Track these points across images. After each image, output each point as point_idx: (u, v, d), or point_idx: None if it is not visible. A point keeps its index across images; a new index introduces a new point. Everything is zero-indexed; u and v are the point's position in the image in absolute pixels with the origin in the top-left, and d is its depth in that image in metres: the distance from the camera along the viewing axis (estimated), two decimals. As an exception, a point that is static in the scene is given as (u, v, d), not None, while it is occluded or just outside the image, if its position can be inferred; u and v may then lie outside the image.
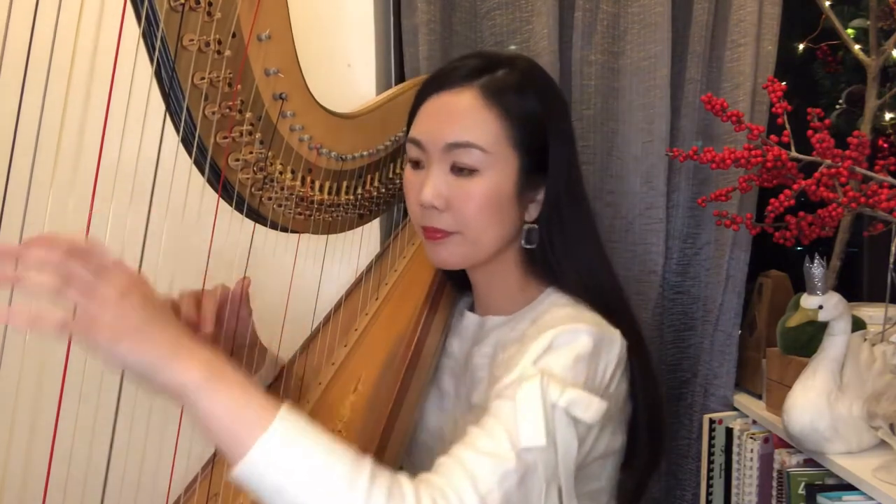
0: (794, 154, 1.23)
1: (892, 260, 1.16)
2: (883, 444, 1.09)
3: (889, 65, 1.48)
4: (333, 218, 1.12)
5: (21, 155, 0.71)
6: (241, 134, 0.92)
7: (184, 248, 0.91)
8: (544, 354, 0.87)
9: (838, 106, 1.66)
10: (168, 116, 0.85)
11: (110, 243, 0.78)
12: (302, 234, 1.09)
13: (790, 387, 1.15)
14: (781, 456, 1.23)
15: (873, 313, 1.31)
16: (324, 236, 1.13)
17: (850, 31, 1.54)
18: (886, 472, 1.02)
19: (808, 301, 1.10)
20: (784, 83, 1.27)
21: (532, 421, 0.81)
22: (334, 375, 1.08)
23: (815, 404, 1.11)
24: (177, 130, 0.87)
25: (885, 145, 1.48)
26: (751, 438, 1.32)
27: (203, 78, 0.85)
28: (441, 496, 0.75)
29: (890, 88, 1.47)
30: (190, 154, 0.89)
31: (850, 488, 1.07)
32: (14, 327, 0.65)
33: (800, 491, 1.15)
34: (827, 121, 1.23)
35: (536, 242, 0.99)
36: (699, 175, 1.53)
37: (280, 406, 0.72)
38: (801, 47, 1.68)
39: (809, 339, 1.22)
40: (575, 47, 1.50)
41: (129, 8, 0.78)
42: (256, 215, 1.00)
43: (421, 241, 1.22)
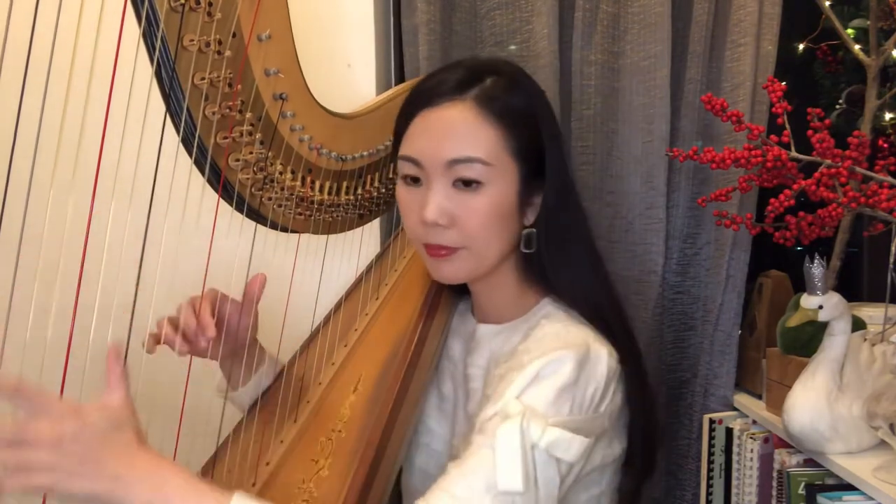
0: (794, 154, 1.23)
1: (892, 260, 1.16)
2: (883, 444, 1.09)
3: (889, 65, 1.48)
4: (333, 218, 1.12)
5: (21, 155, 0.71)
6: (242, 134, 0.92)
7: (184, 249, 0.91)
8: (529, 387, 0.87)
9: (838, 106, 1.66)
10: (168, 117, 0.85)
11: (110, 243, 0.78)
12: (302, 235, 1.09)
13: (790, 387, 1.15)
14: (781, 456, 1.23)
15: (873, 313, 1.31)
16: (324, 236, 1.13)
17: (850, 31, 1.53)
18: (886, 472, 1.02)
19: (808, 301, 1.10)
20: (784, 83, 1.27)
21: (510, 465, 0.81)
22: (334, 375, 1.08)
23: (815, 404, 1.11)
24: (177, 130, 0.87)
25: (885, 145, 1.48)
26: (751, 438, 1.32)
27: (203, 78, 0.85)
28: None
29: (890, 88, 1.47)
30: (190, 154, 0.89)
31: (850, 488, 1.07)
32: None
33: (800, 491, 1.15)
34: (827, 121, 1.22)
35: (535, 246, 0.99)
36: (699, 175, 1.53)
37: (233, 494, 0.75)
38: (801, 47, 1.68)
39: (809, 339, 1.22)
40: (575, 47, 1.50)
41: (130, 8, 0.78)
42: (256, 215, 1.01)
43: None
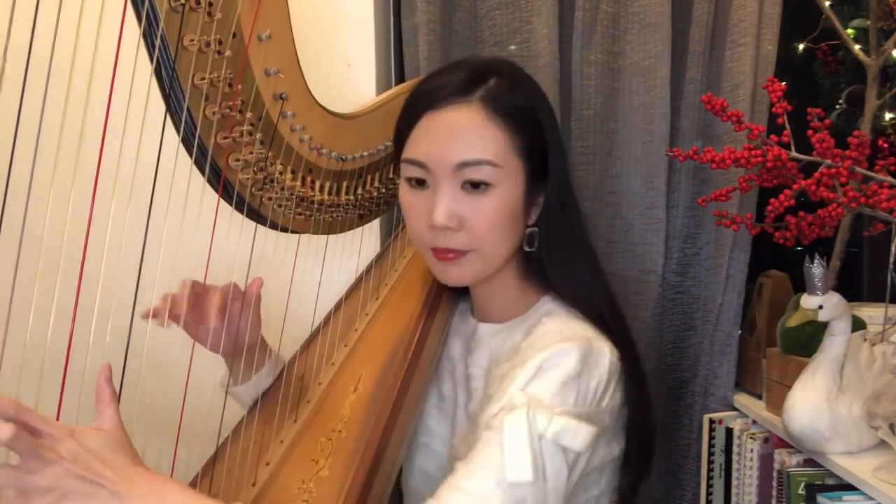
0: (794, 154, 1.23)
1: (892, 260, 1.16)
2: (883, 444, 1.09)
3: (889, 65, 1.48)
4: (333, 218, 1.12)
5: (21, 156, 0.71)
6: (242, 134, 0.92)
7: (184, 249, 0.91)
8: (533, 379, 0.87)
9: (838, 106, 1.66)
10: (168, 116, 0.85)
11: (110, 243, 0.78)
12: (302, 235, 1.09)
13: (790, 387, 1.15)
14: (781, 456, 1.23)
15: (873, 313, 1.32)
16: (324, 236, 1.13)
17: (850, 31, 1.54)
18: (886, 472, 1.02)
19: (808, 301, 1.10)
20: (784, 83, 1.27)
21: (518, 455, 0.81)
22: (334, 375, 1.08)
23: (815, 404, 1.11)
24: (177, 130, 0.87)
25: (885, 145, 1.48)
26: (751, 438, 1.32)
27: (203, 78, 0.85)
28: None
29: (890, 88, 1.47)
30: (190, 154, 0.89)
31: (850, 488, 1.07)
32: None
33: (800, 491, 1.15)
34: (827, 121, 1.22)
35: (537, 246, 0.99)
36: (699, 175, 1.53)
37: None
38: (801, 47, 1.68)
39: (809, 339, 1.22)
40: (575, 47, 1.50)
41: (130, 8, 0.78)
42: (257, 215, 1.00)
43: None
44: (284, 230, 1.06)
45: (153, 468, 0.77)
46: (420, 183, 0.96)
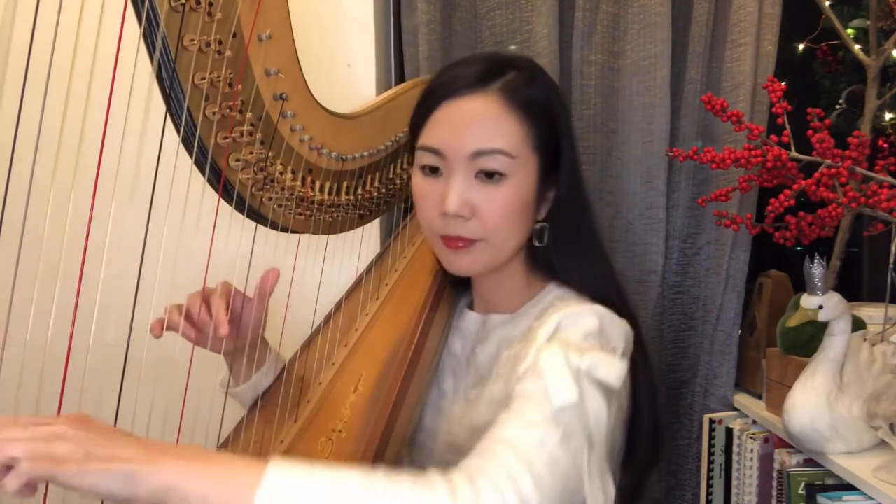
0: (794, 154, 1.23)
1: (892, 260, 1.16)
2: (883, 444, 1.09)
3: (889, 65, 1.48)
4: (334, 218, 1.12)
5: (21, 156, 0.71)
6: (242, 134, 0.92)
7: (184, 249, 0.91)
8: (553, 336, 0.87)
9: (838, 106, 1.66)
10: (168, 117, 0.85)
11: (111, 243, 0.78)
12: (302, 235, 1.09)
13: (790, 387, 1.15)
14: (781, 456, 1.23)
15: (873, 313, 1.32)
16: (324, 236, 1.13)
17: (850, 31, 1.54)
18: (886, 472, 1.02)
19: (808, 301, 1.11)
20: (784, 83, 1.27)
21: (561, 381, 0.79)
22: (335, 375, 1.08)
23: (815, 404, 1.11)
24: (177, 131, 0.86)
25: (885, 145, 1.48)
26: (751, 438, 1.32)
27: (203, 78, 0.85)
28: (479, 472, 0.72)
29: (890, 88, 1.47)
30: (190, 154, 0.89)
31: (850, 488, 1.07)
32: None
33: (800, 491, 1.15)
34: (827, 121, 1.23)
35: (546, 241, 0.99)
36: (699, 175, 1.53)
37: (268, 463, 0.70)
38: (801, 47, 1.68)
39: (809, 339, 1.22)
40: (575, 47, 1.50)
41: (130, 8, 0.78)
42: (257, 215, 1.00)
43: (421, 241, 1.23)
44: (284, 230, 1.06)
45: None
46: (434, 171, 0.96)
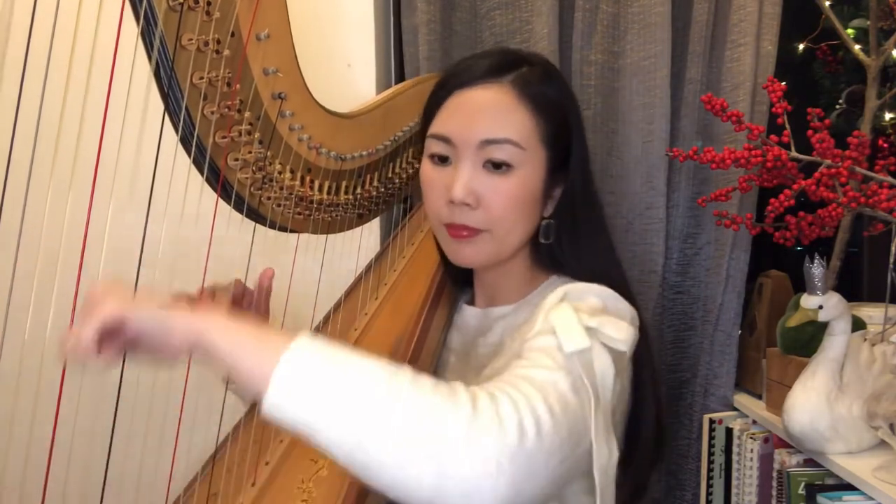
0: (794, 154, 1.23)
1: (892, 260, 1.16)
2: (883, 444, 1.09)
3: (889, 65, 1.48)
4: (333, 218, 1.12)
5: (20, 156, 0.71)
6: (240, 133, 0.92)
7: (183, 248, 0.91)
8: (561, 301, 0.86)
9: (838, 106, 1.66)
10: (167, 116, 0.85)
11: (109, 243, 0.78)
12: (301, 234, 1.09)
13: (790, 387, 1.15)
14: (781, 456, 1.23)
15: (873, 313, 1.31)
16: (323, 236, 1.13)
17: (850, 31, 1.53)
18: (886, 472, 1.02)
19: (808, 301, 1.10)
20: (784, 83, 1.27)
21: (572, 332, 0.79)
22: (334, 375, 1.07)
23: (815, 404, 1.11)
24: (176, 130, 0.86)
25: (885, 145, 1.48)
26: (751, 438, 1.32)
27: (202, 77, 0.85)
28: (499, 390, 0.71)
29: (890, 88, 1.47)
30: (189, 154, 0.89)
31: (850, 488, 1.07)
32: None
33: (800, 491, 1.15)
34: (827, 121, 1.23)
35: (552, 238, 0.99)
36: (699, 175, 1.53)
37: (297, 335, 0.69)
38: (801, 47, 1.68)
39: (809, 339, 1.22)
40: (575, 47, 1.50)
41: (128, 7, 0.78)
42: (256, 215, 1.00)
43: (421, 241, 1.23)
44: (283, 229, 1.06)
45: (153, 466, 0.77)
46: (443, 160, 0.97)
